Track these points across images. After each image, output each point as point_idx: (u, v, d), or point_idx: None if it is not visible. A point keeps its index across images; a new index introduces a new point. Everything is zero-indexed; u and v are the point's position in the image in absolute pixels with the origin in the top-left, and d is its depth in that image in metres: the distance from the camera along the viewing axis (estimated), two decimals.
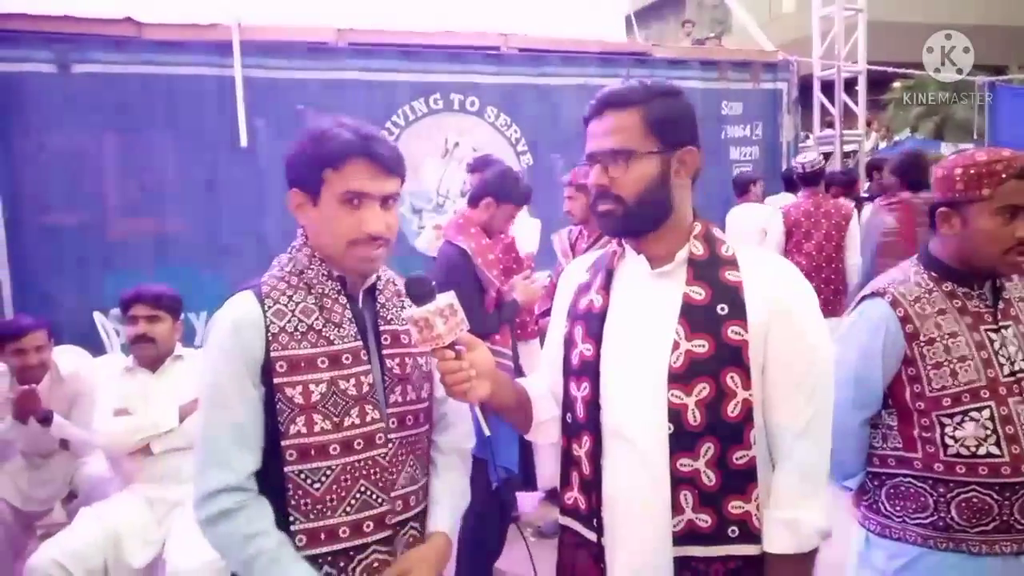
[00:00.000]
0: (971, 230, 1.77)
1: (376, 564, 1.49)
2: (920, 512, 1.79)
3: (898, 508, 1.83)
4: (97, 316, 4.53)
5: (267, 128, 5.22)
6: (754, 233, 5.45)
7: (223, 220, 5.17)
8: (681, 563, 1.42)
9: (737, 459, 1.40)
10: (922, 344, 1.77)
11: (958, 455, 1.74)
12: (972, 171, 1.77)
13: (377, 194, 1.46)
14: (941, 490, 1.76)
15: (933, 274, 1.84)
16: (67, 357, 3.43)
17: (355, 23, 5.63)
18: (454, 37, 5.88)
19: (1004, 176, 1.72)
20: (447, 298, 1.42)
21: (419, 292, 1.43)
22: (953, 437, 1.74)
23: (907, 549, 1.81)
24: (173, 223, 5.12)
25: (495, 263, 3.28)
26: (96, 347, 4.32)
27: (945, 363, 1.75)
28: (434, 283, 1.45)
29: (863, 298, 1.89)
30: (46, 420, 3.10)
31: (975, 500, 1.73)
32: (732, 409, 1.40)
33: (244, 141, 5.05)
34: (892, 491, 1.85)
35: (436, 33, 5.83)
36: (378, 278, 1.59)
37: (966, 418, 1.73)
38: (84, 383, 3.33)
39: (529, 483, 3.97)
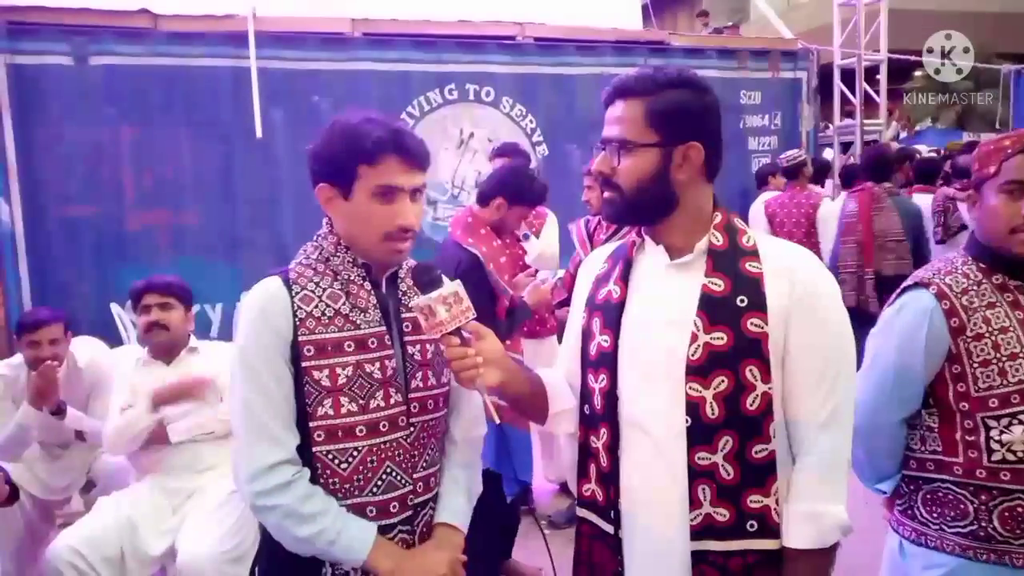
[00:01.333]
0: (983, 209, 1.71)
1: (400, 544, 1.55)
2: (959, 520, 1.68)
3: (935, 515, 1.72)
4: (114, 307, 4.56)
5: (283, 119, 5.22)
6: (759, 220, 5.73)
7: (239, 211, 5.19)
8: (698, 557, 1.40)
9: (756, 453, 1.39)
10: (968, 340, 1.65)
11: (1003, 460, 1.62)
12: (985, 149, 1.72)
13: (408, 187, 1.51)
14: (983, 497, 1.64)
15: (982, 265, 1.71)
16: (84, 348, 3.45)
17: (370, 13, 5.62)
18: (469, 27, 5.85)
19: (1011, 151, 1.65)
20: (452, 286, 1.43)
21: (424, 280, 1.45)
22: (999, 441, 1.62)
23: (944, 559, 1.69)
24: (189, 214, 5.14)
25: (506, 267, 3.20)
26: (113, 338, 4.35)
27: (994, 361, 1.63)
28: (439, 271, 1.46)
29: (905, 288, 1.76)
30: (59, 412, 3.12)
31: (1020, 509, 1.61)
32: (751, 402, 1.38)
33: (260, 132, 5.05)
34: (929, 496, 1.74)
35: (451, 23, 5.81)
36: (400, 266, 1.62)
37: (1014, 421, 1.62)
38: (101, 373, 3.35)
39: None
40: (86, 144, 4.92)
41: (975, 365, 1.65)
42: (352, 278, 1.54)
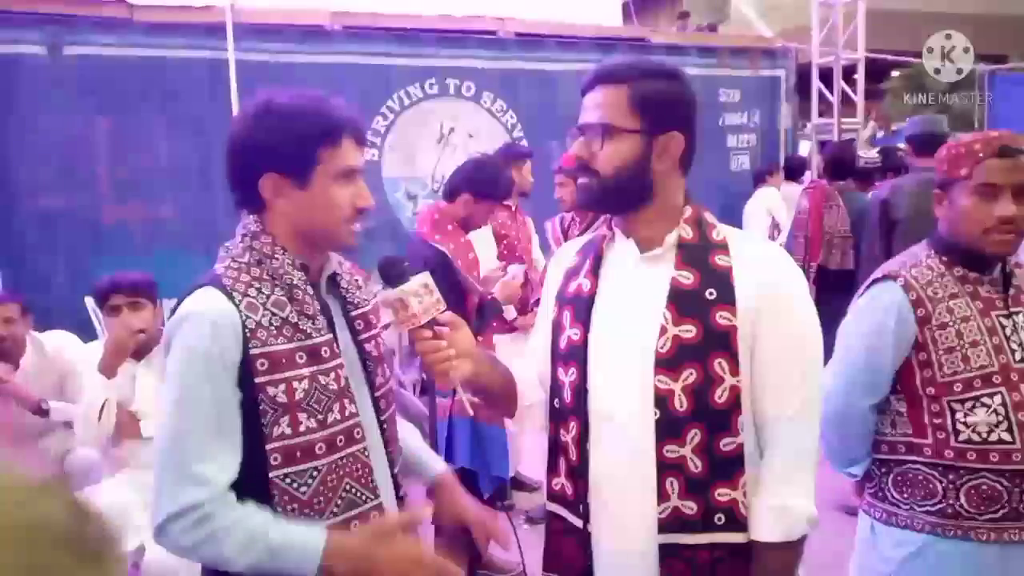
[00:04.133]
0: (955, 210, 1.79)
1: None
2: (928, 499, 1.77)
3: (905, 495, 1.81)
4: (88, 301, 4.51)
5: None
6: (763, 215, 5.89)
7: (216, 204, 5.14)
8: (666, 550, 1.40)
9: (724, 446, 1.39)
10: (934, 328, 1.75)
11: (969, 441, 1.72)
12: (954, 152, 1.80)
13: (361, 167, 1.44)
14: (951, 477, 1.74)
15: (944, 258, 1.82)
16: (52, 337, 3.42)
17: (350, 6, 5.64)
18: (450, 21, 5.86)
19: (982, 155, 1.74)
20: (422, 278, 1.41)
21: (393, 273, 1.43)
22: (964, 423, 1.72)
23: (914, 537, 1.79)
24: (166, 207, 5.12)
25: (475, 263, 3.18)
26: (88, 333, 4.29)
27: (957, 348, 1.73)
28: (407, 263, 1.45)
29: (874, 280, 1.86)
30: (41, 412, 3.08)
31: (985, 487, 1.71)
32: (719, 395, 1.38)
33: None
34: (899, 478, 1.83)
35: (432, 17, 5.81)
36: (337, 264, 1.54)
37: (977, 404, 1.72)
38: (70, 362, 3.32)
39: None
40: (60, 135, 4.88)
41: (940, 352, 1.74)
42: (295, 282, 1.39)
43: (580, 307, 1.51)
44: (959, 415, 1.73)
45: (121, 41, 4.97)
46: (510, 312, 3.93)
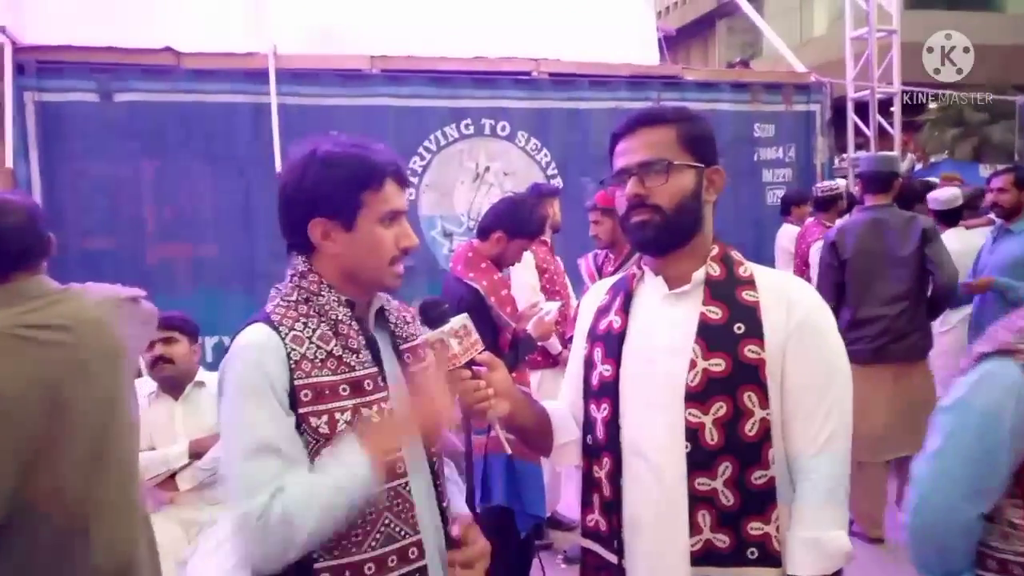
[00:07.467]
0: None
1: None
2: None
3: None
4: None
5: None
6: (782, 252, 5.76)
7: (257, 244, 5.26)
8: None
9: (755, 479, 1.40)
10: None
11: None
12: None
13: (404, 209, 1.50)
14: None
15: None
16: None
17: (388, 50, 5.73)
18: (485, 63, 5.95)
19: None
20: (461, 319, 1.45)
21: (433, 314, 1.46)
22: None
23: None
24: (209, 248, 5.22)
25: (508, 299, 3.24)
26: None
27: None
28: (447, 305, 1.48)
29: (983, 355, 1.42)
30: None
31: None
32: (750, 428, 1.39)
33: (279, 167, 5.14)
34: None
35: (467, 59, 5.91)
36: (384, 300, 1.59)
37: None
38: None
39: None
40: (108, 178, 5.03)
41: None
42: (340, 317, 1.45)
43: (611, 344, 1.53)
44: None
45: (168, 87, 5.13)
46: (555, 346, 3.97)
